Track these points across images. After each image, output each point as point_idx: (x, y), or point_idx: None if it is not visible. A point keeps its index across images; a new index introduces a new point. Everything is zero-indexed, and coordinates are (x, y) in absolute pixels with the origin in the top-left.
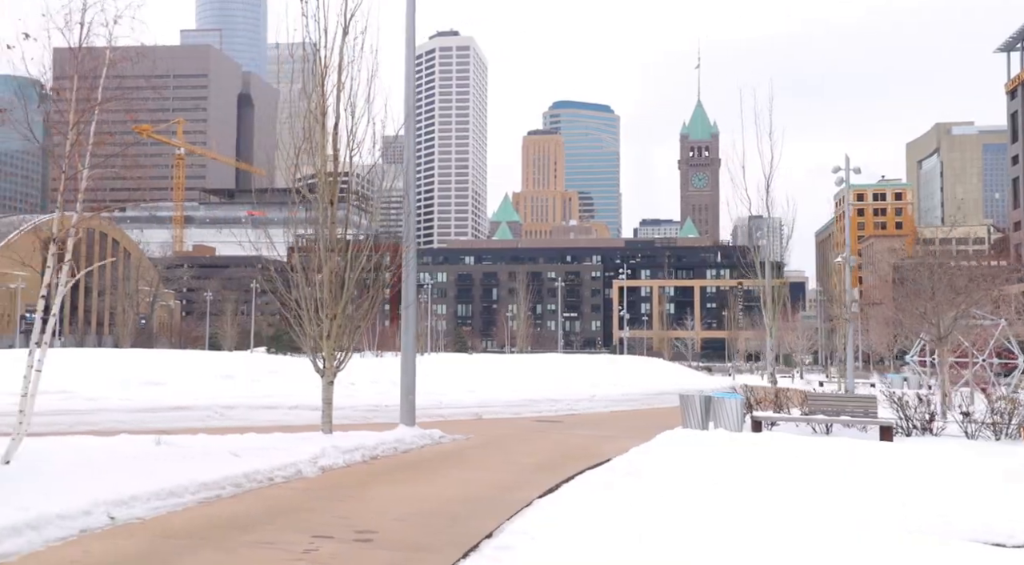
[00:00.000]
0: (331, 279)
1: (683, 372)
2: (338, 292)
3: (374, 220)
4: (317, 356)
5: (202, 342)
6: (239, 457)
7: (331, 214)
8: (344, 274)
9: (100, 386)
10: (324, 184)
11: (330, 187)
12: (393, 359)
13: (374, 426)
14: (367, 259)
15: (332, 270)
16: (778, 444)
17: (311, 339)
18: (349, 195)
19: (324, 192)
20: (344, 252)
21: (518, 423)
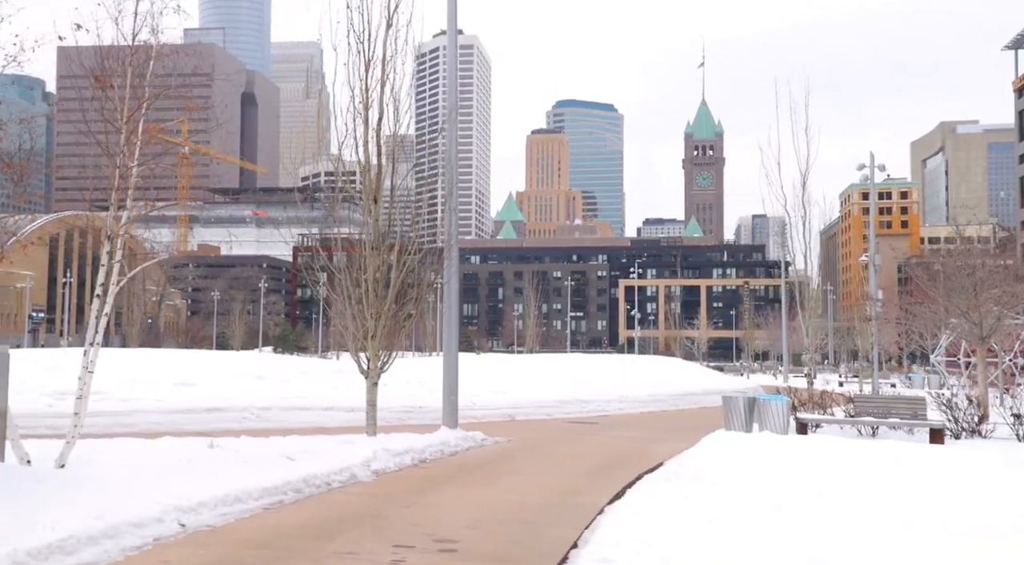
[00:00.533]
0: (376, 279)
1: (703, 372)
2: (383, 292)
3: (413, 221)
4: (361, 357)
5: (209, 342)
6: (293, 461)
7: (376, 212)
8: (389, 274)
9: (132, 387)
10: (368, 180)
11: (374, 183)
12: (422, 359)
13: (412, 428)
14: (412, 258)
15: (377, 269)
16: (828, 447)
17: (356, 339)
18: (393, 193)
19: (368, 189)
20: (390, 252)
21: (553, 425)
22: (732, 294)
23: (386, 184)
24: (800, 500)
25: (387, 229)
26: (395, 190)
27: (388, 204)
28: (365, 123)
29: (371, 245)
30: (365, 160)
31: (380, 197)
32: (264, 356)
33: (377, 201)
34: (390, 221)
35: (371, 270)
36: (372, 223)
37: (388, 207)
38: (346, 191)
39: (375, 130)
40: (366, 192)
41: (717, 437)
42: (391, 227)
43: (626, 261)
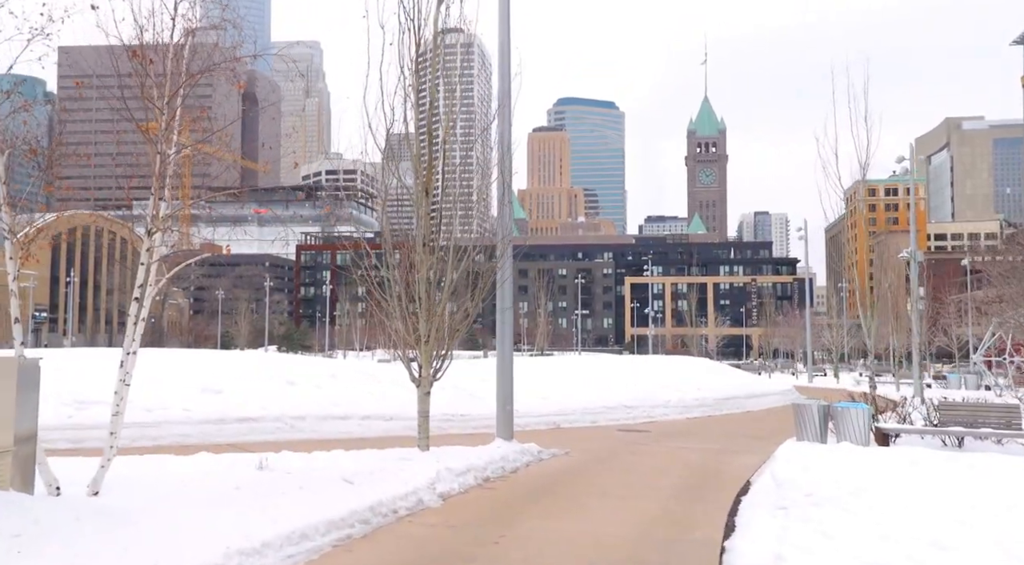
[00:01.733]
0: (428, 278)
1: (733, 373)
2: (435, 292)
3: (467, 215)
4: (412, 363)
5: (213, 341)
6: (352, 484)
7: (426, 205)
8: (443, 273)
9: (156, 394)
10: (419, 171)
11: (426, 175)
12: (458, 361)
13: (455, 438)
14: (467, 257)
15: (430, 267)
16: (926, 462)
17: (405, 344)
18: (444, 186)
19: (419, 182)
20: (445, 251)
21: (604, 433)
22: (740, 291)
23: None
24: (954, 532)
25: (439, 224)
26: (447, 181)
27: (438, 198)
28: (416, 106)
29: (423, 241)
30: (416, 148)
31: (431, 188)
32: (286, 360)
33: (428, 193)
34: (440, 216)
35: (424, 269)
36: (424, 217)
37: (438, 201)
38: (358, 191)
39: (427, 113)
40: (417, 183)
41: (792, 449)
42: (441, 222)
43: (631, 258)
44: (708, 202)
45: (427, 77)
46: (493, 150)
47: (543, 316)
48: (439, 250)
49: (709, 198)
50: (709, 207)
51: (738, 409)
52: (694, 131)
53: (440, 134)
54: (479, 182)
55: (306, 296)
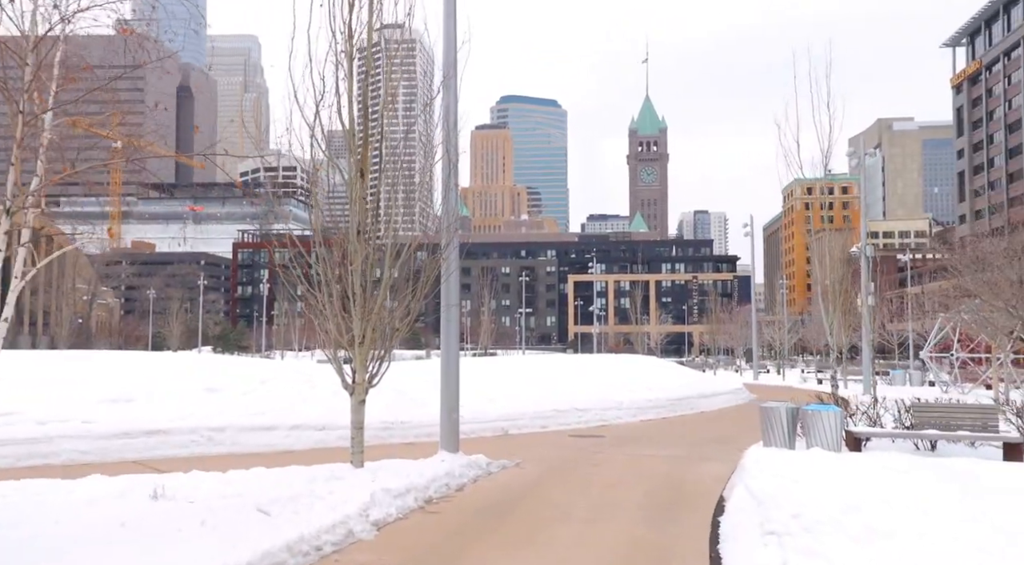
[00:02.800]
0: (363, 271)
1: (682, 371)
2: (371, 287)
3: (410, 198)
4: (346, 365)
5: (145, 342)
6: (268, 515)
7: (362, 189)
8: (381, 265)
9: (54, 404)
10: (353, 149)
11: (361, 153)
12: (393, 365)
13: (395, 449)
14: (408, 248)
15: (365, 259)
16: (907, 470)
17: (337, 346)
18: (382, 167)
19: (353, 160)
20: (383, 241)
21: (557, 439)
22: (681, 289)
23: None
24: None
25: (376, 210)
26: (386, 160)
27: (375, 181)
28: (349, 76)
29: (357, 229)
30: (350, 121)
31: (367, 168)
32: (216, 363)
33: (364, 174)
34: (378, 200)
35: (358, 261)
36: (358, 202)
37: (376, 184)
38: (297, 188)
39: (360, 83)
40: (350, 162)
41: (761, 456)
42: (379, 208)
43: (575, 256)
44: (649, 200)
45: (363, 42)
46: (437, 128)
47: (487, 314)
48: (376, 239)
49: (650, 196)
50: (650, 205)
51: (691, 410)
52: (636, 130)
53: (378, 107)
54: (422, 162)
55: (243, 295)
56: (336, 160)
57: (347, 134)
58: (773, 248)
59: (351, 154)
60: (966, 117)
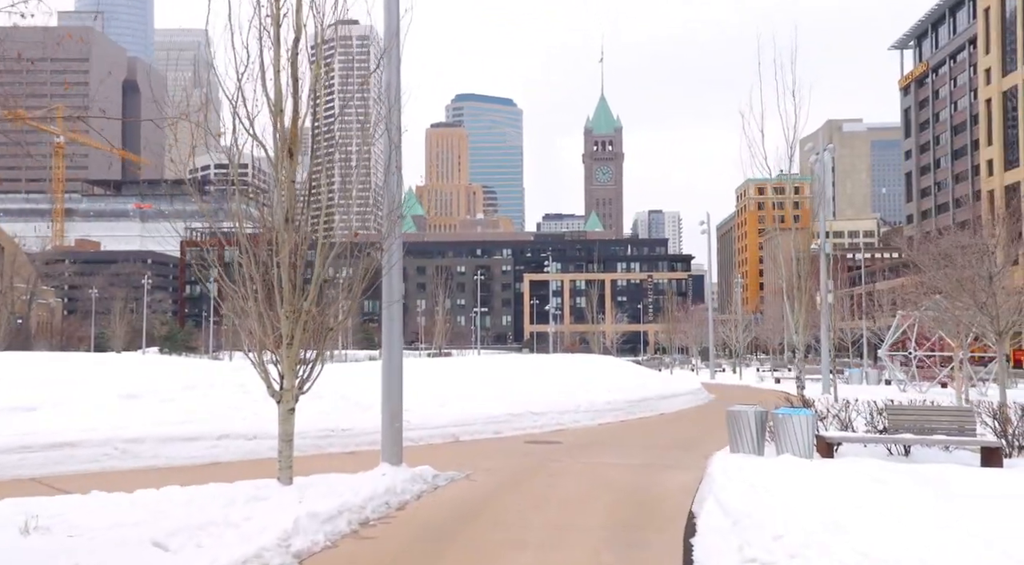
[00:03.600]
0: (292, 264)
1: (642, 372)
2: (302, 281)
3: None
4: (273, 366)
5: (87, 343)
6: (167, 551)
7: (291, 170)
8: (310, 256)
9: None
10: (279, 125)
11: (291, 130)
12: (338, 365)
13: (334, 460)
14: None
15: (293, 251)
16: (885, 479)
17: (262, 347)
18: (315, 146)
19: (279, 137)
20: (315, 228)
21: (511, 447)
22: (636, 288)
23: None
24: None
25: (307, 194)
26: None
27: (321, 173)
28: (276, 43)
29: (285, 217)
30: (276, 94)
31: (297, 148)
32: (142, 368)
33: (294, 154)
34: (308, 184)
35: (286, 251)
36: (287, 184)
37: (317, 169)
38: (248, 185)
39: (290, 51)
40: (279, 140)
41: (729, 464)
42: (310, 191)
43: (530, 255)
44: (605, 200)
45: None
46: (378, 104)
47: (441, 314)
48: (308, 226)
49: (606, 196)
50: (606, 205)
51: (651, 412)
52: (591, 129)
53: (307, 78)
54: (360, 143)
55: (192, 295)
56: (261, 136)
57: (272, 109)
58: (726, 247)
59: (276, 132)
60: (913, 118)
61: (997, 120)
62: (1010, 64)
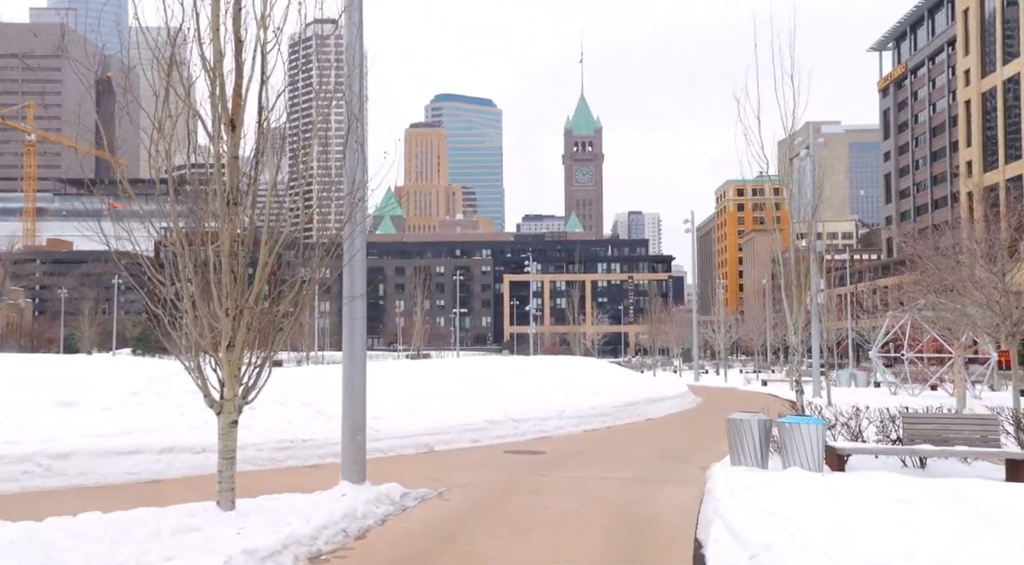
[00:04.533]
0: (232, 251)
1: (627, 374)
2: (245, 274)
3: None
4: (209, 377)
5: (57, 344)
6: None
7: (233, 143)
8: (256, 245)
9: None
10: (216, 85)
11: (233, 98)
12: (302, 369)
13: (291, 475)
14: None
15: (236, 237)
16: (911, 499)
17: (198, 350)
18: (262, 115)
19: (217, 102)
20: (262, 211)
21: (490, 457)
22: (617, 289)
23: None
24: None
25: (254, 170)
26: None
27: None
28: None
29: (228, 198)
30: (214, 54)
31: (240, 116)
32: (87, 370)
33: (236, 126)
34: (257, 158)
35: (226, 237)
36: (228, 159)
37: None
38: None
39: (231, 8)
40: (214, 103)
41: (731, 478)
42: (257, 167)
43: (510, 256)
44: (585, 201)
45: None
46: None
47: (420, 315)
48: (252, 208)
49: (586, 197)
50: (586, 206)
51: (638, 417)
52: (571, 130)
53: (251, 32)
54: (319, 112)
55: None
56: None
57: (209, 72)
58: (706, 249)
59: (213, 95)
60: (892, 120)
61: (976, 121)
62: (989, 65)
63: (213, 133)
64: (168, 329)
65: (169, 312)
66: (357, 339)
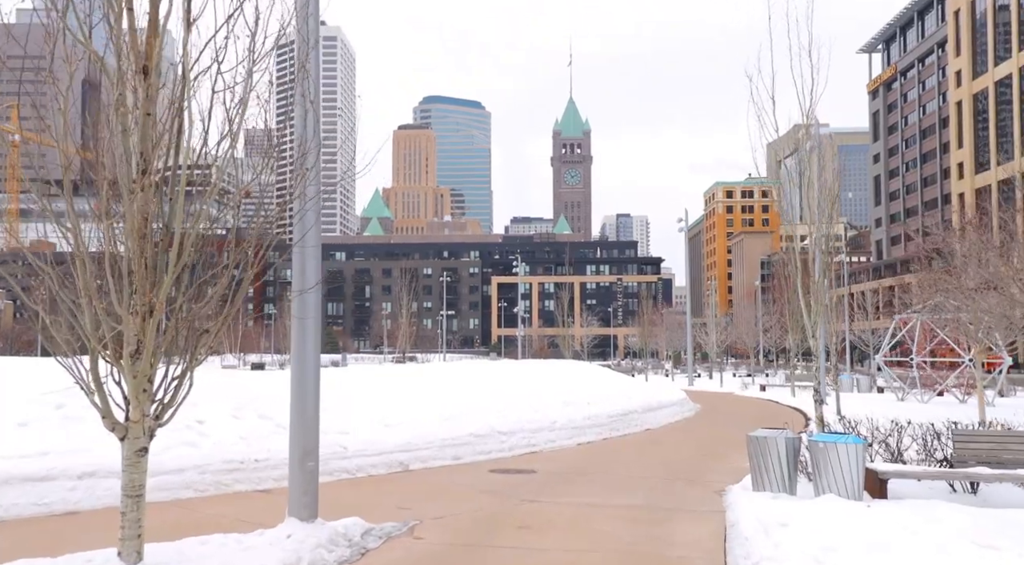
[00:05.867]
0: (140, 233)
1: (622, 379)
2: (159, 261)
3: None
4: (112, 391)
5: (35, 346)
6: None
7: (146, 97)
8: (171, 223)
9: None
10: (124, 17)
11: (149, 37)
12: (270, 374)
13: (239, 502)
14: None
15: (144, 213)
16: (974, 537)
17: (94, 356)
18: (186, 59)
19: (131, 44)
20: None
21: (472, 479)
22: (606, 291)
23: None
24: None
25: (173, 130)
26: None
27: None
28: None
29: (140, 167)
30: None
31: (156, 65)
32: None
33: (149, 72)
34: (179, 113)
35: (134, 216)
36: (142, 117)
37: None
38: (212, 186)
39: None
40: (119, 44)
41: (760, 511)
42: (177, 125)
43: (498, 257)
44: (573, 203)
45: None
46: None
47: (406, 317)
48: (165, 179)
49: (574, 199)
50: (574, 208)
51: (636, 427)
52: (559, 132)
53: None
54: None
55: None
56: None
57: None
58: (695, 251)
59: (115, 34)
60: (882, 122)
61: (968, 122)
62: (981, 66)
63: (116, 78)
64: (52, 331)
65: (50, 308)
66: (309, 342)
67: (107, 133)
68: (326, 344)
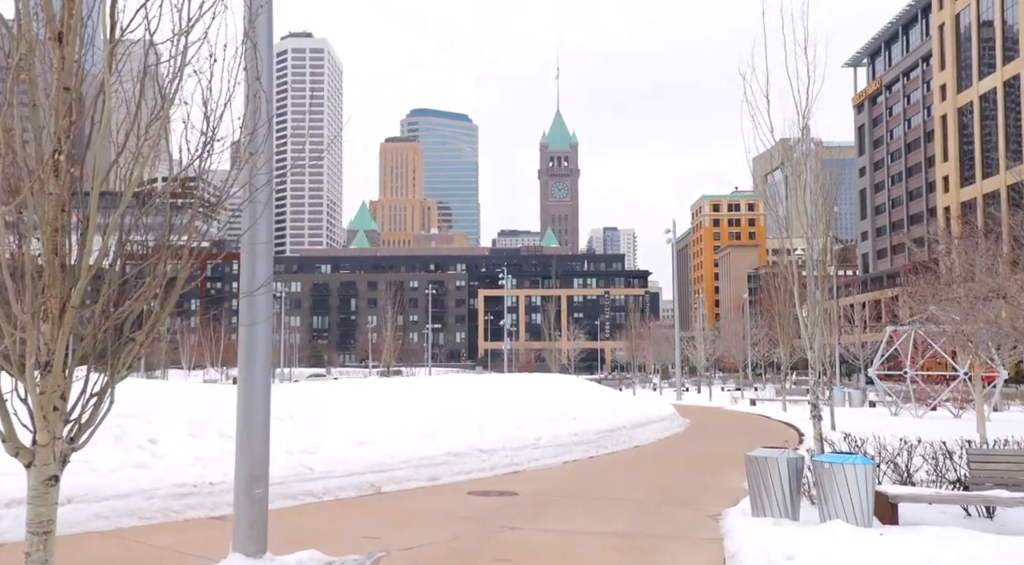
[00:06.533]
0: (58, 225)
1: (610, 394)
2: (78, 259)
3: None
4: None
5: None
6: None
7: (59, 62)
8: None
9: None
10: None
11: None
12: (232, 388)
13: (187, 531)
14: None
15: (61, 199)
16: (988, 562)
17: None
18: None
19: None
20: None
21: (449, 503)
22: (593, 304)
23: None
24: None
25: (100, 102)
26: None
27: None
28: None
29: (55, 145)
30: None
31: (74, 27)
32: None
33: (63, 38)
34: (103, 93)
35: (47, 202)
36: (56, 91)
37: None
38: (198, 198)
39: None
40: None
41: (759, 539)
42: (104, 94)
43: (485, 270)
44: (560, 216)
45: None
46: None
47: (390, 330)
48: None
49: (561, 212)
50: (561, 221)
51: (624, 444)
52: (546, 145)
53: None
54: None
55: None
56: None
57: None
58: (682, 264)
59: None
60: (867, 136)
61: (953, 136)
62: (965, 80)
63: (11, 39)
64: None
65: None
66: (259, 353)
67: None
68: (311, 357)
